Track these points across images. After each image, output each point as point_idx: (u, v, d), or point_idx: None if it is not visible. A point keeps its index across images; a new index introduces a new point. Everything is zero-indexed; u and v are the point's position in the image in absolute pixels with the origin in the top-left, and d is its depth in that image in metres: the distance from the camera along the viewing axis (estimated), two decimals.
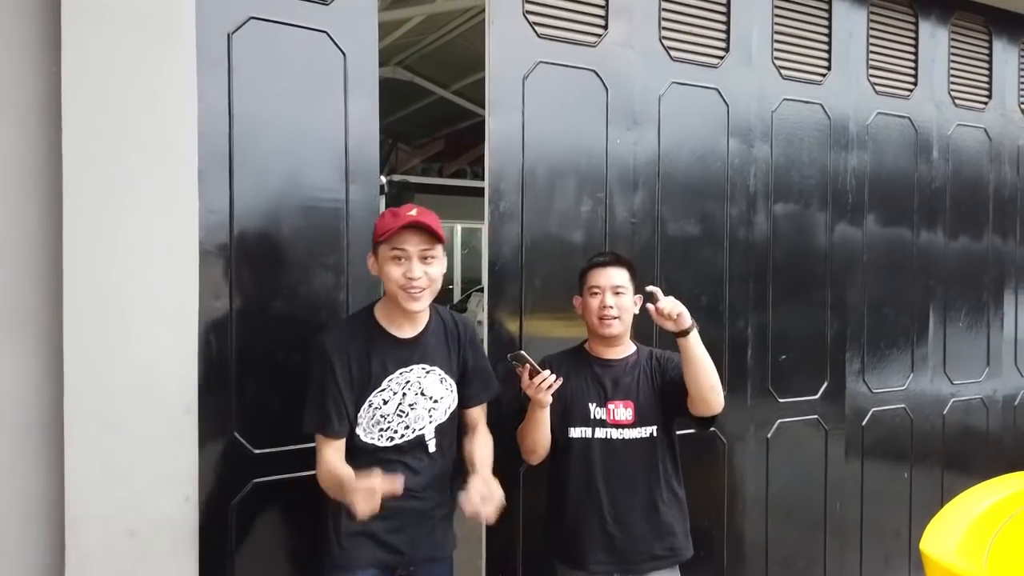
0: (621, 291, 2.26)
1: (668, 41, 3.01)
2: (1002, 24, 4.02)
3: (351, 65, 2.42)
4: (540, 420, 2.18)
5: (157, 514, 1.95)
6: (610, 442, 2.24)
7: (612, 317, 2.24)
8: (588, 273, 2.32)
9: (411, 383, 2.01)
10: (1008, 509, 2.31)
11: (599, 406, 2.26)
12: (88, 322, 1.88)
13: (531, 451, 2.26)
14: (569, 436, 2.28)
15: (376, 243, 1.96)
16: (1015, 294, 4.14)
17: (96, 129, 1.90)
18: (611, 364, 2.32)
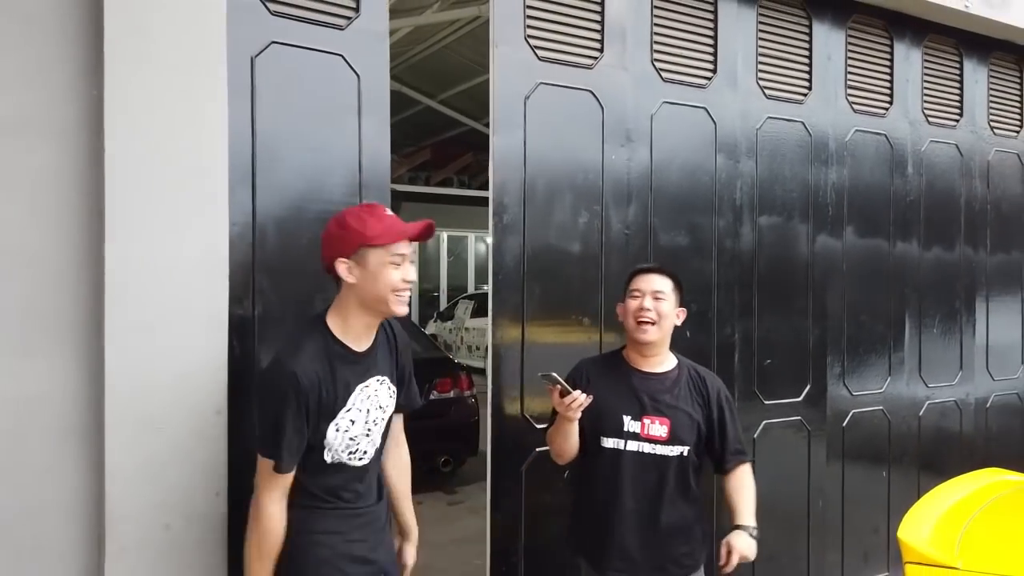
0: (661, 296, 2.22)
1: (659, 63, 3.19)
2: (972, 46, 4.25)
3: (364, 86, 2.56)
4: (568, 432, 2.19)
5: (190, 509, 2.08)
6: (641, 455, 2.22)
7: (648, 321, 2.20)
8: (632, 279, 2.31)
9: (371, 398, 1.90)
10: (979, 501, 2.48)
11: (634, 419, 2.23)
12: (128, 329, 2.00)
13: (558, 455, 2.29)
14: (601, 445, 2.25)
15: (361, 247, 1.78)
16: (986, 302, 4.36)
17: (135, 147, 2.03)
18: (650, 377, 2.28)
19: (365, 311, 1.85)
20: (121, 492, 2.00)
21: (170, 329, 2.06)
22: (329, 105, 2.50)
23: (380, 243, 1.78)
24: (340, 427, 1.83)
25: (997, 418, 4.43)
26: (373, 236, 1.78)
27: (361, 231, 1.78)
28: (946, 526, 2.26)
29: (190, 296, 2.10)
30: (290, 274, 2.43)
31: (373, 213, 1.82)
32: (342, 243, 1.80)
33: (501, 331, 2.83)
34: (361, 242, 1.78)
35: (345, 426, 1.84)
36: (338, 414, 1.82)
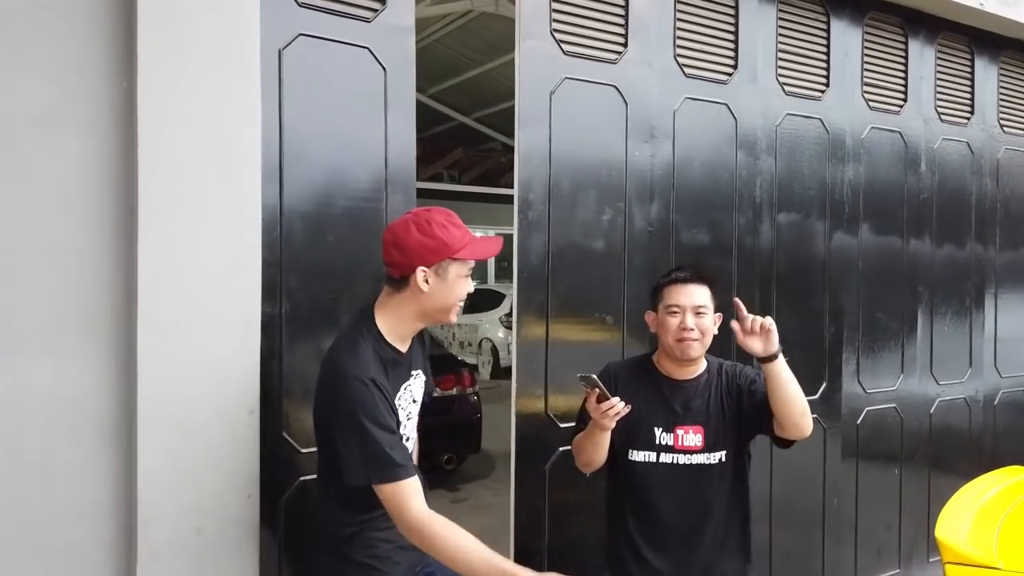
0: (703, 311, 2.08)
1: (682, 59, 3.16)
2: (984, 45, 4.26)
3: (391, 80, 2.52)
4: (600, 441, 2.04)
5: (222, 512, 2.04)
6: (675, 467, 2.11)
7: (692, 340, 2.07)
8: (665, 289, 2.13)
9: (410, 392, 1.89)
10: (1007, 500, 2.48)
11: (666, 431, 2.12)
12: (161, 328, 1.96)
13: (586, 464, 2.15)
14: (630, 458, 2.14)
15: (446, 259, 1.75)
16: (994, 299, 4.38)
17: (168, 142, 1.99)
18: (682, 385, 2.16)
19: (422, 318, 1.83)
20: (153, 495, 1.95)
21: (203, 328, 2.02)
22: (355, 99, 2.46)
23: (462, 257, 1.76)
24: (405, 435, 1.81)
25: (1005, 415, 4.46)
26: (460, 251, 1.76)
27: (449, 244, 1.74)
28: (981, 526, 2.26)
29: (223, 295, 2.05)
30: (317, 271, 2.39)
31: (453, 222, 1.78)
32: (428, 252, 1.74)
33: (525, 329, 2.80)
34: (448, 255, 1.75)
35: (408, 435, 1.84)
36: (402, 422, 1.80)
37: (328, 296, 2.42)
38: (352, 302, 2.45)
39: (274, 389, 2.28)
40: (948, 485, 4.17)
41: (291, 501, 2.33)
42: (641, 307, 3.01)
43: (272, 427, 2.27)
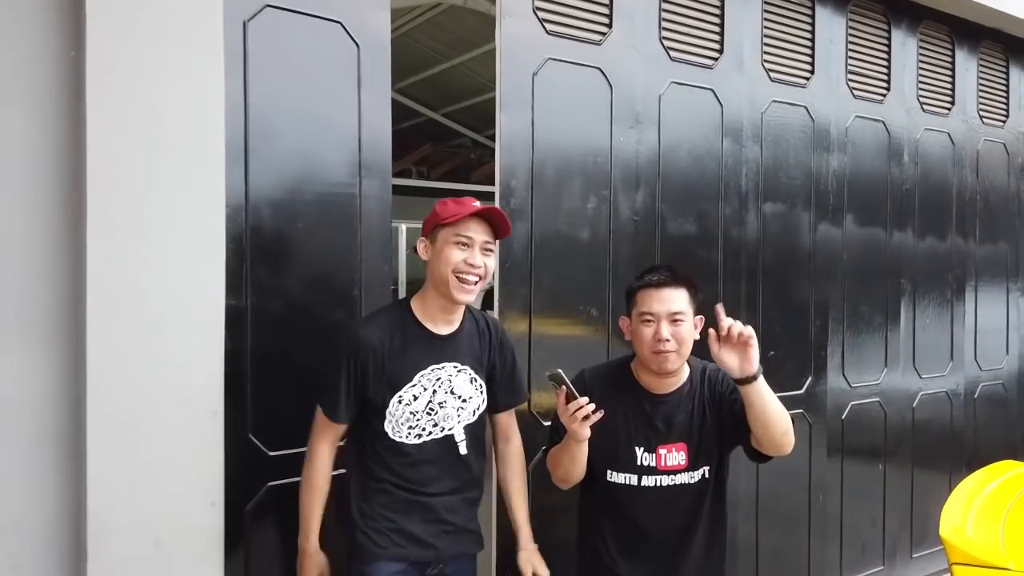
0: (680, 319, 1.90)
1: (668, 41, 3.04)
2: (964, 35, 4.21)
3: (365, 57, 2.36)
4: (576, 455, 1.88)
5: (183, 522, 1.86)
6: (658, 489, 1.97)
7: (669, 351, 1.89)
8: (638, 294, 1.96)
9: (442, 380, 1.96)
10: (1007, 496, 2.41)
11: (648, 451, 1.96)
12: (112, 322, 1.78)
13: (563, 480, 2.00)
14: (608, 480, 2.00)
15: (436, 227, 1.90)
16: (974, 292, 4.34)
17: (122, 118, 1.80)
18: (664, 399, 1.99)
19: (438, 294, 1.93)
20: (105, 505, 1.77)
21: (160, 323, 1.84)
22: (327, 77, 2.30)
23: (447, 222, 1.86)
24: (403, 399, 1.91)
25: (984, 408, 4.43)
26: (440, 216, 1.88)
27: (439, 212, 1.89)
28: (985, 524, 2.18)
29: (182, 286, 1.88)
30: (286, 261, 2.23)
31: (459, 201, 1.89)
32: (426, 225, 1.94)
33: (508, 323, 2.65)
34: (436, 222, 1.90)
35: (408, 400, 1.91)
36: (403, 388, 1.90)
37: (298, 288, 2.25)
38: (324, 294, 2.30)
39: (240, 388, 2.11)
40: (930, 480, 4.15)
41: (258, 508, 2.17)
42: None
43: (238, 429, 2.10)
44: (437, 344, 1.96)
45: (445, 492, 2.00)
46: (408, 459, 1.94)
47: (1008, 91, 4.52)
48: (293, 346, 2.23)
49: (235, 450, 2.08)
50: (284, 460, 2.19)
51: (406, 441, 1.94)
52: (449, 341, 1.98)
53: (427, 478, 1.95)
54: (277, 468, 2.19)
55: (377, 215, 2.40)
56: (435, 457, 1.98)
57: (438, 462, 1.98)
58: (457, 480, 2.02)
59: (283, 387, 2.20)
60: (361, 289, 2.37)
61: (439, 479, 1.98)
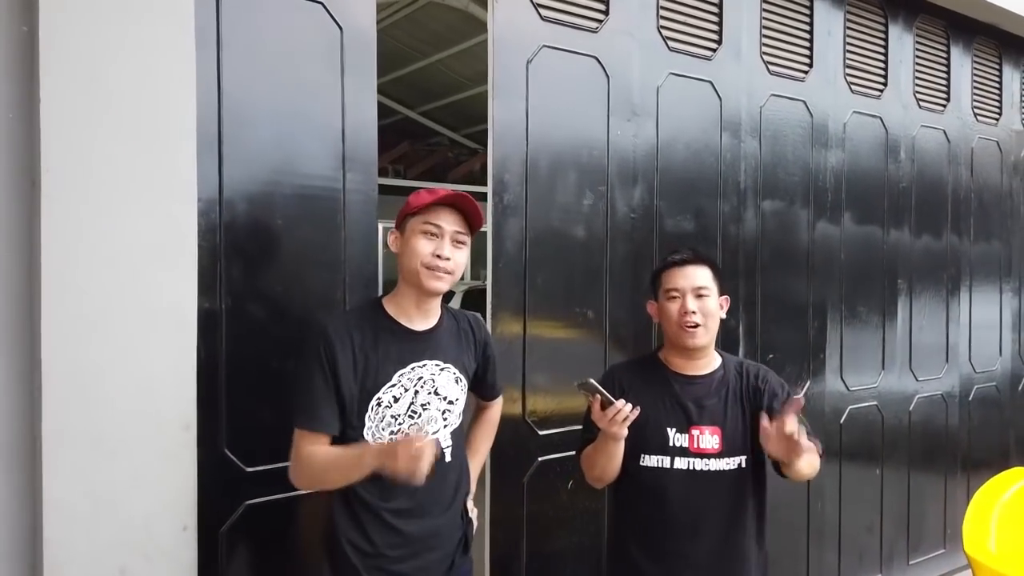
0: (704, 293, 1.93)
1: (665, 30, 2.91)
2: (959, 30, 4.13)
3: (348, 41, 2.20)
4: (614, 453, 1.86)
5: (151, 547, 1.69)
6: (692, 473, 1.92)
7: (695, 324, 1.91)
8: (663, 274, 1.99)
9: (424, 380, 1.79)
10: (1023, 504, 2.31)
11: (680, 432, 1.93)
12: (71, 329, 1.60)
13: (598, 479, 1.96)
14: (641, 464, 1.95)
15: (405, 216, 1.79)
16: (969, 292, 4.26)
17: (81, 100, 1.62)
18: (694, 381, 1.98)
19: (409, 288, 1.80)
20: (64, 531, 1.59)
21: (125, 328, 1.66)
22: (308, 62, 2.13)
23: (415, 210, 1.76)
24: (382, 401, 1.74)
25: (979, 410, 4.35)
26: (410, 205, 1.77)
27: (410, 202, 1.78)
28: (1008, 539, 2.06)
29: (150, 287, 1.70)
30: (263, 260, 2.06)
31: (432, 192, 1.77)
32: (397, 218, 1.82)
33: (501, 325, 2.51)
34: (405, 212, 1.79)
35: (387, 401, 1.74)
36: (381, 388, 1.73)
37: (276, 289, 2.08)
38: (304, 295, 2.13)
39: (214, 399, 1.93)
40: (927, 485, 4.06)
41: (235, 530, 1.99)
42: (625, 299, 2.77)
43: (212, 443, 1.93)
44: (415, 340, 1.79)
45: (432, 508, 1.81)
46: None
47: (1001, 89, 4.45)
48: (272, 352, 2.05)
49: (209, 467, 1.91)
50: (263, 476, 2.02)
51: None
52: (428, 337, 1.82)
53: (410, 501, 1.75)
54: (256, 485, 2.02)
55: (361, 211, 2.23)
56: None
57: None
58: (444, 493, 1.84)
59: (261, 397, 2.03)
60: (345, 290, 2.20)
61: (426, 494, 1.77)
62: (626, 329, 2.78)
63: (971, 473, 4.31)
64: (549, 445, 2.62)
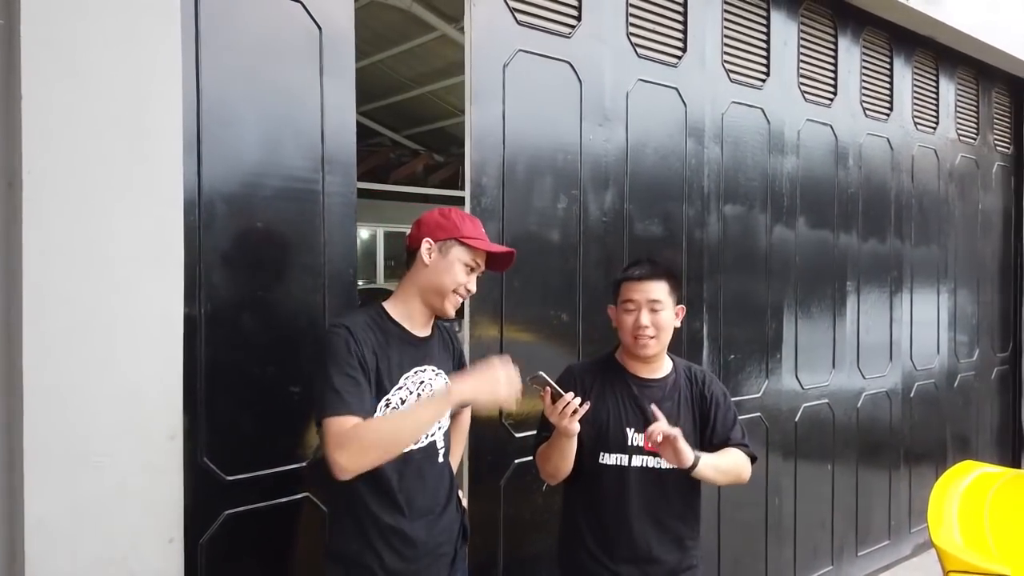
0: (658, 308, 2.02)
1: (635, 37, 2.96)
2: (902, 43, 4.32)
3: (327, 41, 2.17)
4: (567, 449, 1.92)
5: (137, 562, 1.62)
6: (647, 471, 2.01)
7: (648, 337, 2.01)
8: (622, 285, 2.07)
9: (424, 384, 1.83)
10: (980, 499, 2.42)
11: (638, 432, 2.00)
12: (53, 339, 1.52)
13: (551, 475, 2.02)
14: (600, 462, 2.03)
15: (451, 239, 1.81)
16: (910, 293, 4.46)
17: (63, 96, 1.55)
18: (651, 385, 2.08)
19: (421, 298, 1.84)
20: (46, 546, 1.52)
21: (110, 335, 1.60)
22: (287, 62, 2.09)
23: (469, 243, 1.81)
24: (391, 403, 1.75)
25: (919, 407, 4.55)
26: (466, 235, 1.82)
27: (459, 226, 1.82)
28: (970, 529, 2.17)
29: (136, 292, 1.64)
30: (243, 264, 2.01)
31: (474, 221, 1.88)
32: (438, 228, 1.83)
33: (479, 329, 2.50)
34: (454, 235, 1.82)
35: (396, 403, 1.75)
36: (391, 390, 1.75)
37: (257, 293, 2.03)
38: (285, 299, 2.09)
39: (193, 407, 1.87)
40: (873, 479, 4.22)
41: (216, 541, 1.93)
42: (597, 302, 2.80)
43: (191, 452, 1.87)
44: (418, 346, 1.85)
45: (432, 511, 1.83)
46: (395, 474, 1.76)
47: (938, 99, 4.66)
48: (251, 358, 2.01)
49: (189, 477, 1.85)
50: (243, 485, 1.98)
51: None
52: (427, 344, 1.88)
53: (415, 501, 1.78)
54: (235, 495, 1.97)
55: (341, 213, 2.20)
56: (421, 470, 1.82)
57: (423, 476, 1.83)
58: (442, 492, 1.88)
59: (240, 404, 1.98)
60: (325, 294, 2.16)
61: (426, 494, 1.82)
62: (598, 331, 2.81)
63: (912, 467, 4.50)
64: (525, 448, 2.61)
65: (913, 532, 4.50)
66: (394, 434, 1.64)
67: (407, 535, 1.75)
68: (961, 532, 2.14)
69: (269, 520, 2.03)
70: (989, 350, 5.16)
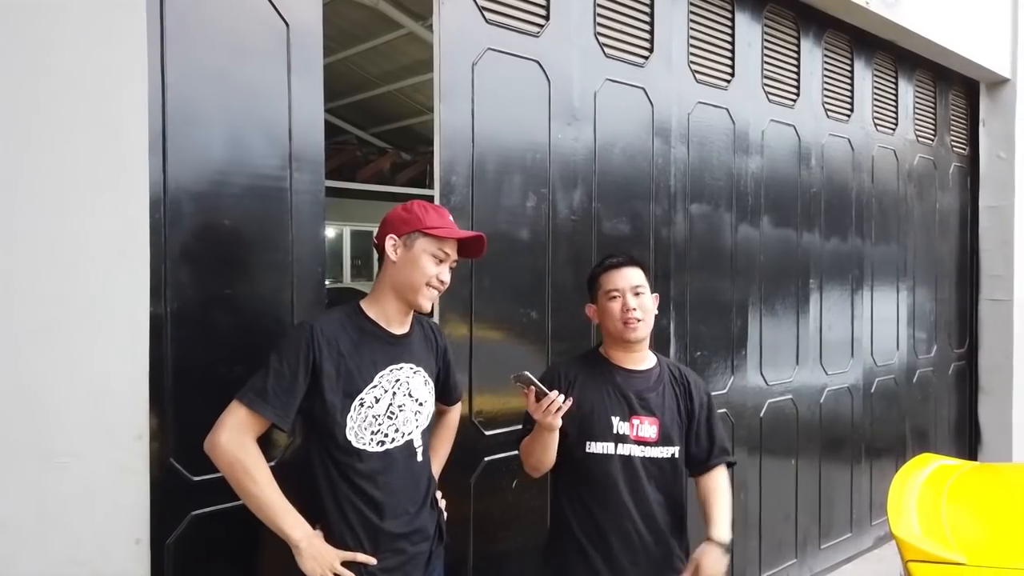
0: (641, 291, 2.09)
1: (602, 37, 2.98)
2: (862, 46, 4.41)
3: (295, 39, 2.16)
4: (548, 443, 1.97)
5: (103, 563, 1.60)
6: (631, 459, 2.07)
7: (637, 319, 2.07)
8: (602, 276, 2.13)
9: (400, 382, 1.84)
10: (937, 490, 2.49)
11: (623, 420, 2.07)
12: (17, 337, 1.50)
13: (534, 468, 2.07)
14: (587, 451, 2.07)
15: (415, 232, 1.81)
16: (871, 290, 4.55)
17: (25, 87, 1.52)
18: (635, 375, 2.14)
19: (396, 295, 1.84)
20: (12, 547, 1.50)
21: (76, 333, 1.58)
22: (254, 58, 2.07)
23: (432, 233, 1.80)
24: (365, 402, 1.76)
25: (880, 402, 4.66)
26: (429, 225, 1.80)
27: (421, 218, 1.81)
28: (928, 519, 2.23)
29: (102, 289, 1.62)
30: (210, 262, 1.99)
31: (438, 211, 1.86)
32: (401, 223, 1.83)
33: (449, 327, 2.50)
34: (417, 227, 1.80)
35: (369, 402, 1.77)
36: (364, 389, 1.76)
37: (225, 291, 2.02)
38: (253, 298, 2.07)
39: (160, 406, 1.85)
40: (835, 473, 4.31)
41: (182, 542, 1.92)
42: (566, 300, 2.82)
43: (158, 452, 1.85)
44: (394, 344, 1.85)
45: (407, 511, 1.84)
46: (371, 472, 1.77)
47: (897, 101, 4.77)
48: (218, 356, 1.99)
49: (156, 477, 1.83)
50: (209, 485, 1.95)
51: (368, 448, 1.77)
52: (404, 342, 1.89)
53: (391, 500, 1.79)
54: (202, 495, 1.95)
55: (309, 211, 2.19)
56: (397, 469, 1.82)
57: (400, 474, 1.83)
58: (420, 491, 1.89)
59: (208, 403, 1.94)
60: (293, 292, 2.15)
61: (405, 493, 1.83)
62: (567, 330, 2.83)
63: (874, 461, 4.61)
64: (495, 445, 2.64)
65: (874, 524, 4.60)
66: (242, 488, 1.64)
67: (381, 533, 1.76)
68: (919, 522, 2.20)
69: (236, 520, 2.00)
70: (947, 346, 5.30)
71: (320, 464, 1.76)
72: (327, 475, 1.75)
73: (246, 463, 1.62)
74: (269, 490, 1.63)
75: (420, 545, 1.86)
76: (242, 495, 1.65)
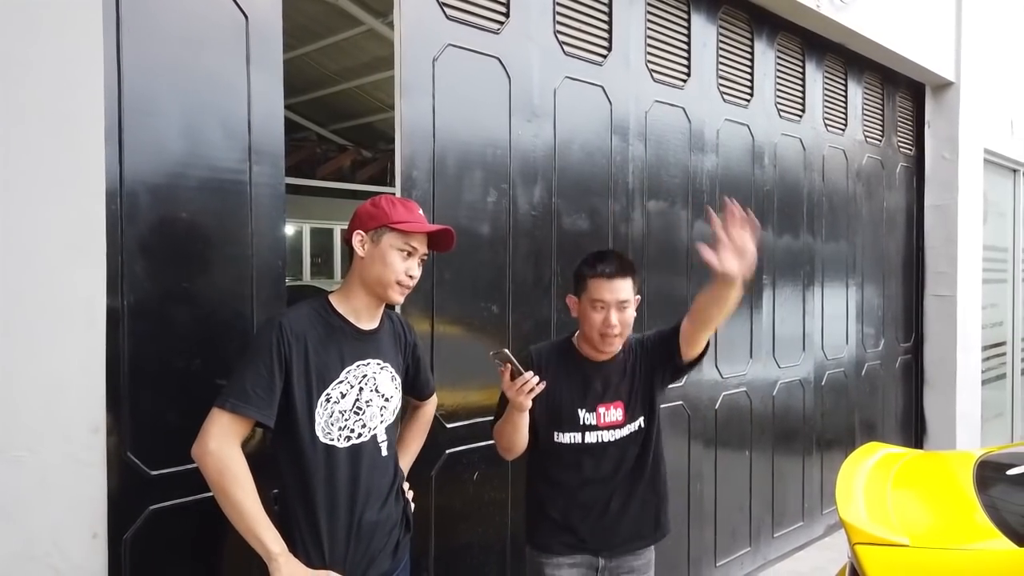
0: (626, 306, 2.09)
1: (561, 35, 3.02)
2: (813, 48, 4.53)
3: (254, 30, 2.15)
4: (519, 423, 2.02)
5: (60, 557, 1.58)
6: (602, 445, 2.14)
7: (614, 336, 2.08)
8: (591, 282, 2.10)
9: (368, 377, 1.85)
10: (883, 476, 2.59)
11: (589, 411, 2.14)
12: None
13: (507, 450, 2.12)
14: (555, 441, 2.15)
15: (382, 227, 1.80)
16: (822, 286, 4.68)
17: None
18: (603, 365, 2.18)
19: (366, 291, 1.84)
20: None
21: (31, 325, 1.56)
22: (212, 50, 2.06)
23: (399, 228, 1.79)
24: (331, 397, 1.77)
25: (830, 394, 4.79)
26: (395, 220, 1.80)
27: (388, 212, 1.81)
28: (874, 504, 2.31)
29: (57, 282, 1.60)
30: (167, 255, 1.97)
31: (407, 205, 1.86)
32: (367, 218, 1.82)
33: (410, 322, 2.51)
34: (383, 222, 1.80)
35: (336, 397, 1.78)
36: (330, 385, 1.76)
37: (182, 285, 2.00)
38: (210, 291, 2.06)
39: (116, 400, 1.84)
40: (788, 463, 4.42)
41: (140, 536, 1.90)
42: (527, 294, 2.86)
43: (114, 447, 1.83)
44: (362, 339, 1.85)
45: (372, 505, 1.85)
46: (338, 466, 1.77)
47: (847, 102, 4.91)
48: (176, 350, 1.97)
49: (112, 471, 1.81)
50: (168, 480, 1.94)
51: (336, 444, 1.77)
52: (372, 337, 1.88)
53: (358, 493, 1.80)
54: (160, 489, 1.94)
55: (269, 205, 2.18)
56: (364, 463, 1.83)
57: (367, 468, 1.84)
58: (386, 485, 1.90)
59: (165, 397, 1.95)
60: (253, 287, 2.15)
61: (373, 487, 1.85)
62: (527, 324, 2.87)
63: (824, 452, 4.73)
64: (456, 438, 2.66)
65: (825, 513, 4.73)
66: (228, 496, 1.62)
67: (350, 526, 1.77)
68: (866, 507, 2.28)
69: (195, 515, 2.00)
70: (894, 340, 5.47)
71: (286, 459, 1.75)
72: (293, 470, 1.75)
73: (236, 471, 1.62)
74: (251, 501, 1.63)
75: (387, 535, 1.87)
76: (225, 503, 1.63)
